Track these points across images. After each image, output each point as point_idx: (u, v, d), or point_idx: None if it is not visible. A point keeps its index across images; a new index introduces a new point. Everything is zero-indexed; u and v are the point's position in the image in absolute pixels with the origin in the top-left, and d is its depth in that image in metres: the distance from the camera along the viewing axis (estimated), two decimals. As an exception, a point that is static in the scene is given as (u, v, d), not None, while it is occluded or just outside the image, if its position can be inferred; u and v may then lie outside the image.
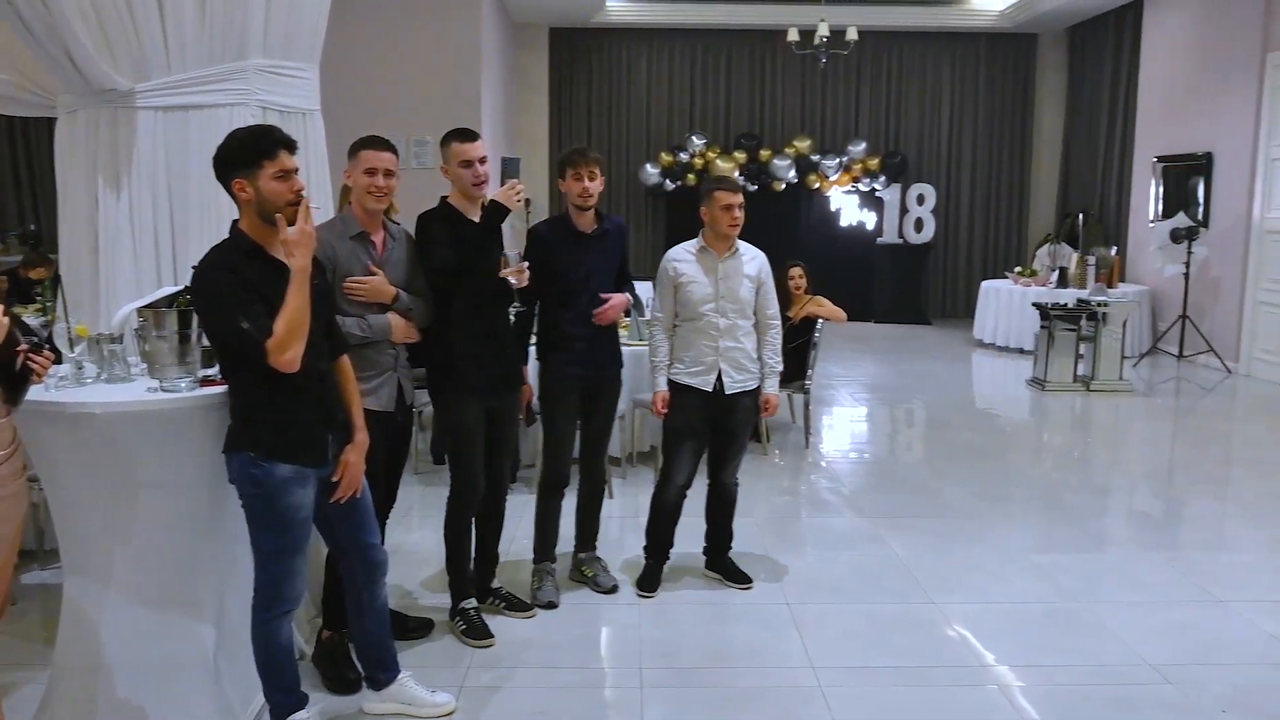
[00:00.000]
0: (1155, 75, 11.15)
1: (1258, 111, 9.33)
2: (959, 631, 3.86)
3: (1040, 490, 5.87)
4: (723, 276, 4.07)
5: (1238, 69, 9.58)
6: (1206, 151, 10.10)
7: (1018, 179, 13.70)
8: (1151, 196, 11.11)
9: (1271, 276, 9.17)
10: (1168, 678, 3.49)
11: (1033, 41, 13.48)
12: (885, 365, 10.08)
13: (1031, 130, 13.66)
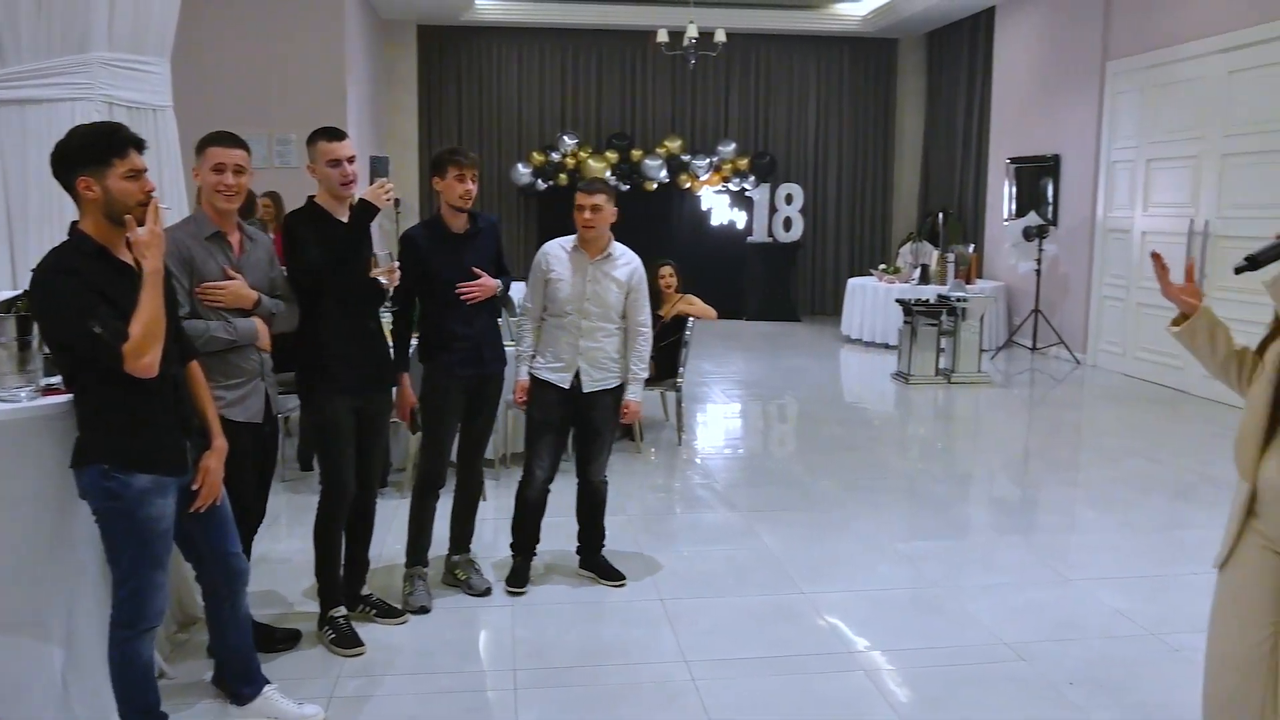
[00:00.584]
0: (1007, 81, 11.65)
1: (1099, 117, 9.84)
2: (828, 620, 3.96)
3: (905, 480, 6.06)
4: (591, 279, 4.08)
5: (1081, 76, 10.09)
6: (1055, 154, 10.60)
7: (881, 179, 14.13)
8: (1005, 196, 11.61)
9: (1114, 273, 9.69)
10: (1022, 655, 3.65)
11: (894, 46, 13.93)
12: (756, 362, 10.26)
13: (894, 132, 14.11)
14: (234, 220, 3.33)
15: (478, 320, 3.98)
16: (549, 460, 4.21)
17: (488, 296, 3.97)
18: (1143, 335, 9.21)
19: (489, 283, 3.96)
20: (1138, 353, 9.29)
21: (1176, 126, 8.79)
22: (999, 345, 10.82)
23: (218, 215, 3.26)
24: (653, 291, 6.79)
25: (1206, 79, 8.38)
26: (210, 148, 3.21)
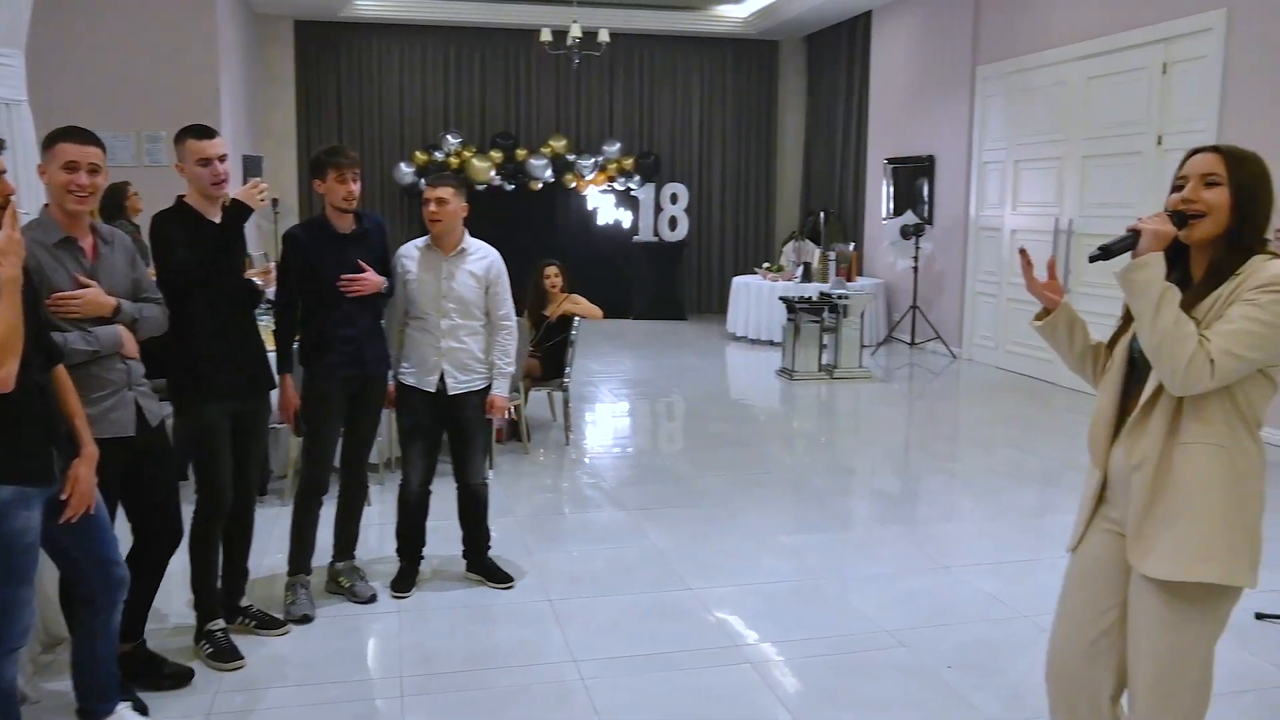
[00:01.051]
0: (884, 83, 11.96)
1: (970, 119, 10.19)
2: (715, 615, 4.00)
3: (790, 475, 6.18)
4: (447, 275, 4.04)
5: (953, 80, 10.43)
6: (929, 155, 10.94)
7: (764, 179, 14.36)
8: (883, 196, 11.93)
9: (986, 269, 10.05)
10: (902, 641, 3.76)
11: (775, 48, 14.16)
12: (643, 360, 10.32)
13: (776, 133, 14.35)
14: (85, 223, 3.09)
15: (360, 321, 3.91)
16: (422, 465, 4.17)
17: (371, 292, 3.90)
18: (1013, 330, 9.58)
19: (373, 278, 3.89)
20: (1009, 346, 9.66)
21: (1041, 129, 9.16)
22: (879, 341, 11.11)
23: (67, 218, 3.00)
24: (538, 292, 6.79)
25: (1068, 84, 8.76)
26: (60, 144, 2.96)
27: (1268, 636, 3.84)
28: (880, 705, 3.31)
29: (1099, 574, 2.30)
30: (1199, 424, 2.10)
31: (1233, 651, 3.70)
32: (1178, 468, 2.12)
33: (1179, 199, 2.15)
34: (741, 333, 11.49)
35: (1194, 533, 2.10)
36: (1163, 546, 2.13)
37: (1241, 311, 2.04)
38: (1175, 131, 7.55)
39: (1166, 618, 2.15)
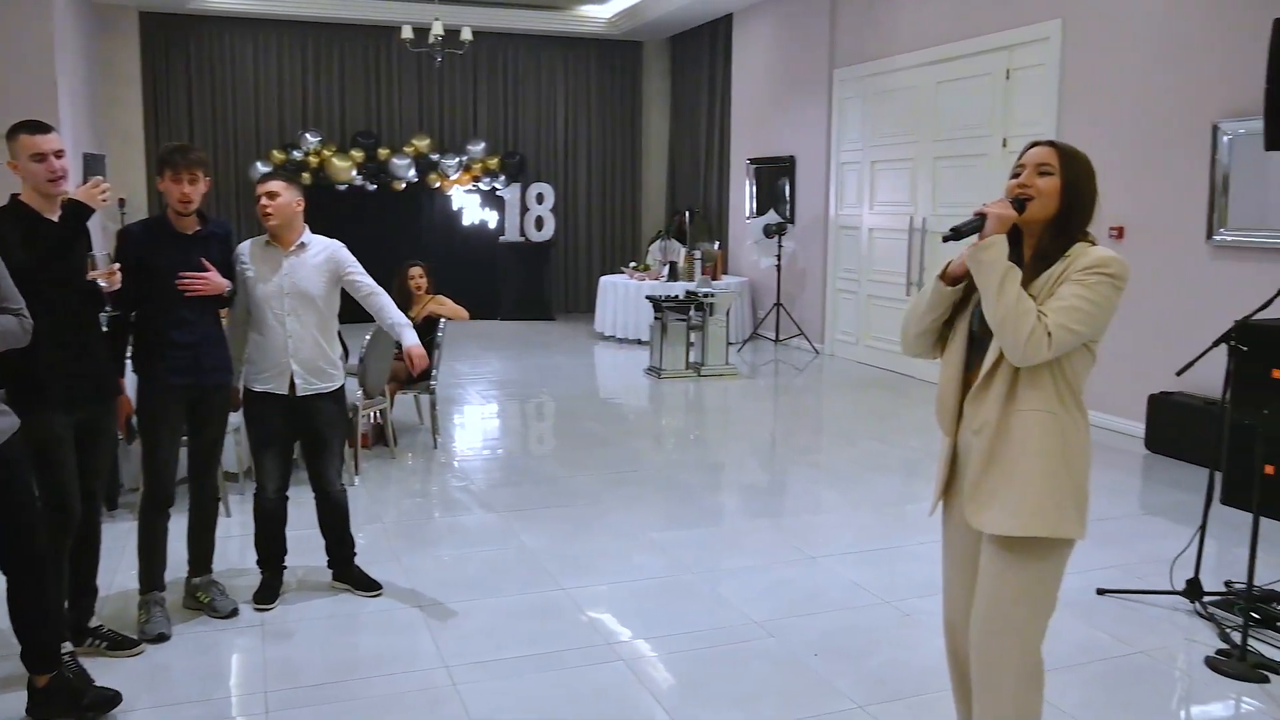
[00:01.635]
0: (745, 84, 12.18)
1: (829, 120, 10.47)
2: (588, 614, 4.01)
3: (660, 472, 6.23)
4: (287, 272, 3.94)
5: (811, 82, 10.70)
6: (790, 155, 11.19)
7: (630, 179, 14.45)
8: (747, 195, 12.15)
9: (846, 267, 10.34)
10: (770, 631, 3.84)
11: (639, 49, 14.26)
12: (512, 361, 10.26)
13: (641, 133, 14.45)
14: None
15: (199, 326, 3.76)
16: (277, 472, 4.05)
17: (213, 293, 3.75)
18: (872, 325, 9.89)
19: (216, 279, 3.74)
20: (869, 341, 9.97)
21: (894, 131, 9.48)
22: (745, 338, 11.31)
23: None
24: (403, 293, 6.68)
25: (918, 88, 9.09)
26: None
27: (1108, 610, 4.07)
28: (751, 695, 3.37)
29: (960, 536, 2.49)
30: (1033, 392, 2.30)
31: (1077, 626, 3.91)
32: (1014, 432, 2.30)
33: (1016, 184, 2.35)
34: (609, 332, 11.53)
35: (1028, 491, 2.29)
36: (1000, 504, 2.31)
37: (1072, 290, 2.24)
38: (1018, 134, 7.92)
39: (1002, 569, 2.34)
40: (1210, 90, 6.35)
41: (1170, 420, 6.43)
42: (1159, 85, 6.72)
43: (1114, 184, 7.01)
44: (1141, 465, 6.37)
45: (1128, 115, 6.96)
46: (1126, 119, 6.96)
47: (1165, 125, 6.68)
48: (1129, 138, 6.94)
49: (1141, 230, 6.89)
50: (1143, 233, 6.88)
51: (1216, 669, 3.58)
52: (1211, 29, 6.35)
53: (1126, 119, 6.96)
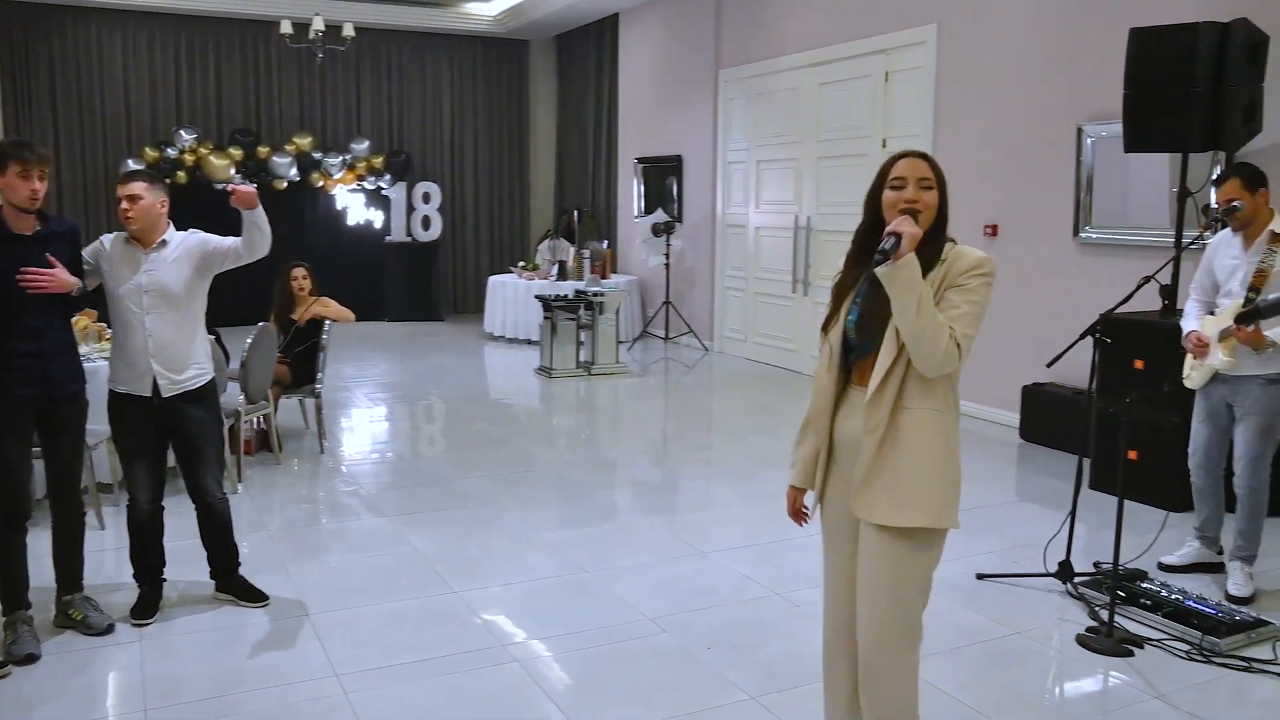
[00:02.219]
0: (631, 84, 12.24)
1: (715, 120, 10.59)
2: (482, 617, 3.98)
3: (552, 471, 6.22)
4: (148, 268, 3.81)
5: (697, 82, 10.81)
6: (677, 154, 11.29)
7: (518, 178, 14.37)
8: (635, 194, 12.20)
9: (734, 265, 10.49)
10: (663, 627, 3.88)
11: (525, 47, 14.19)
12: (400, 363, 10.10)
13: (529, 132, 14.38)
14: None
15: (46, 335, 3.59)
16: (148, 481, 3.91)
17: (60, 291, 3.57)
18: (760, 322, 10.06)
19: (63, 276, 3.56)
20: (756, 338, 10.13)
21: (779, 132, 9.65)
22: (635, 336, 11.36)
23: None
24: (285, 295, 6.52)
25: (801, 89, 9.28)
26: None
27: (987, 594, 4.22)
28: (645, 691, 3.40)
29: (846, 532, 2.55)
30: (922, 393, 2.38)
31: (957, 610, 4.05)
32: (903, 430, 2.38)
33: (900, 199, 2.38)
34: (499, 332, 11.45)
35: (914, 485, 2.38)
36: (889, 497, 2.39)
37: (963, 297, 2.34)
38: (898, 135, 8.15)
39: (887, 560, 2.42)
40: (1075, 95, 6.64)
41: (1042, 410, 6.70)
42: (1028, 89, 7.00)
43: (988, 184, 7.31)
44: (1017, 454, 6.63)
45: (999, 118, 7.22)
46: (998, 121, 7.23)
47: (1034, 128, 6.96)
48: (1001, 140, 7.21)
49: (1014, 229, 7.16)
50: (1015, 231, 7.16)
51: (1087, 646, 3.75)
52: (1075, 37, 6.64)
53: (998, 121, 7.23)
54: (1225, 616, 3.85)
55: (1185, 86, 5.27)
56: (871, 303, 2.43)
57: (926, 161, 2.42)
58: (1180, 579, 4.37)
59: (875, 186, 2.46)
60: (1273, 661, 3.62)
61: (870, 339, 2.42)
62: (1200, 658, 3.64)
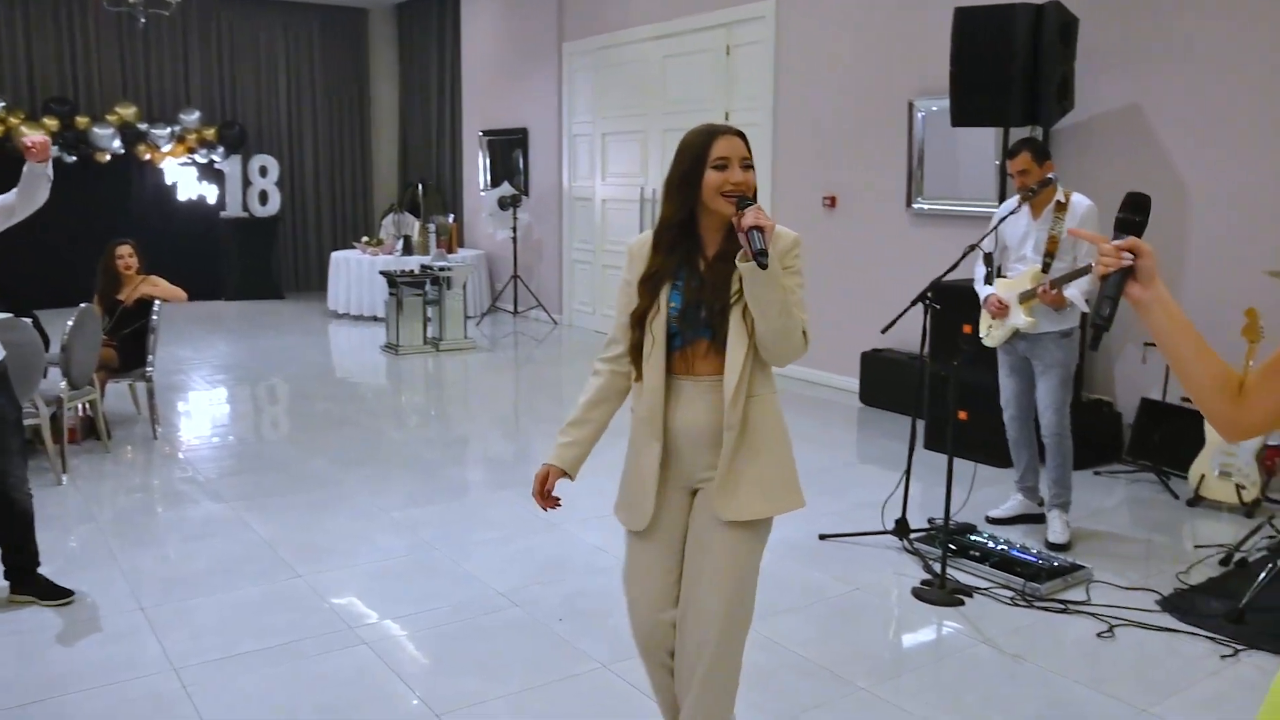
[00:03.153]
0: (475, 56, 12.05)
1: (559, 93, 10.54)
2: (328, 601, 3.90)
3: (401, 450, 6.12)
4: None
5: (541, 54, 10.73)
6: (522, 127, 11.19)
7: (360, 151, 13.98)
8: (480, 167, 12.05)
9: (582, 238, 10.49)
10: (514, 600, 3.88)
11: (364, 17, 13.78)
12: (239, 344, 9.74)
13: (370, 103, 13.99)
14: None
15: None
16: None
17: None
18: (609, 294, 10.09)
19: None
20: (605, 310, 10.17)
21: (624, 104, 9.68)
22: (483, 311, 11.26)
23: None
24: (110, 274, 6.19)
25: (645, 62, 9.32)
26: None
27: (829, 554, 4.39)
28: (498, 665, 3.40)
29: (666, 535, 2.45)
30: (762, 379, 2.34)
31: (801, 569, 4.19)
32: (754, 420, 2.32)
33: (727, 182, 2.22)
34: (343, 309, 11.16)
35: (775, 471, 2.34)
36: (757, 492, 2.32)
37: (793, 281, 2.27)
38: (740, 108, 8.29)
39: (742, 554, 2.35)
40: (906, 70, 6.89)
41: (880, 375, 6.97)
42: (863, 65, 7.21)
43: (827, 156, 7.52)
44: (857, 418, 6.88)
45: (836, 92, 7.43)
46: (835, 95, 7.44)
47: (869, 102, 7.19)
48: (838, 113, 7.42)
49: (851, 200, 7.40)
50: (852, 202, 7.39)
51: (921, 598, 3.94)
52: (907, 14, 6.87)
53: (835, 95, 7.44)
54: (1045, 563, 4.10)
55: (1005, 64, 5.54)
56: (695, 291, 2.29)
57: (744, 140, 2.28)
58: (1006, 530, 4.63)
59: (690, 168, 2.26)
60: (1086, 603, 3.88)
61: (695, 328, 2.30)
62: (1023, 603, 3.88)
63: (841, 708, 3.17)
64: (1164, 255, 5.55)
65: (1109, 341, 5.94)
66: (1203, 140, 5.48)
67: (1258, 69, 5.24)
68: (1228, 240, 5.40)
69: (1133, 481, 5.47)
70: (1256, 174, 5.27)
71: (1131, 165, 5.75)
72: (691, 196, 2.27)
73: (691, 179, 2.26)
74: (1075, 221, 4.34)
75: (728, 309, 2.27)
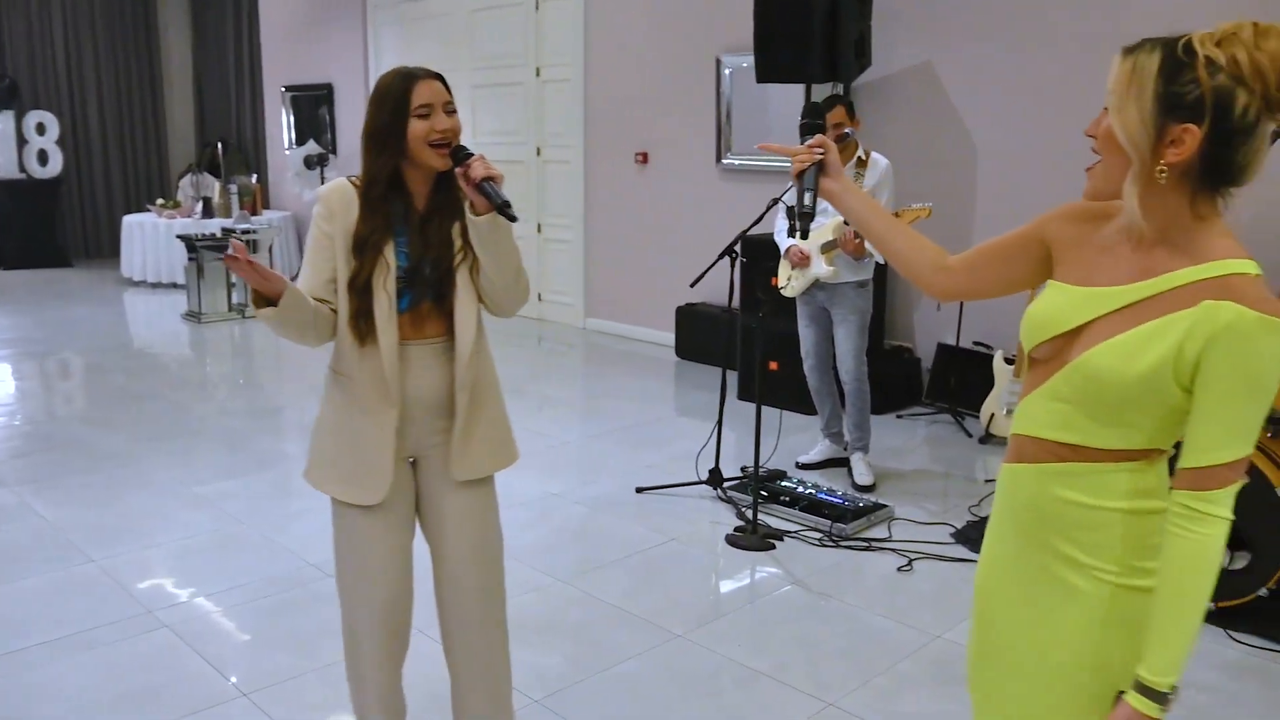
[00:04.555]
0: (273, 8, 11.46)
1: (365, 47, 10.18)
2: (126, 584, 3.70)
3: (205, 422, 5.85)
4: None
5: (345, 7, 10.31)
6: (327, 82, 10.76)
7: (151, 108, 13.13)
8: (284, 125, 11.53)
9: (394, 197, 10.20)
10: (326, 572, 3.75)
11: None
12: (23, 316, 9.04)
13: (159, 56, 13.14)
14: None
15: None
16: None
17: None
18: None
19: None
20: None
21: (433, 60, 9.41)
22: (293, 275, 10.77)
23: None
24: None
25: (453, 16, 9.10)
26: None
27: (647, 506, 4.46)
28: (311, 639, 3.31)
29: (397, 509, 2.29)
30: (482, 334, 2.26)
31: (619, 523, 4.25)
32: (480, 378, 2.27)
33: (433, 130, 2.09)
34: (139, 277, 10.51)
35: (503, 424, 2.34)
36: (488, 446, 2.29)
37: None
38: (551, 64, 8.21)
39: (483, 510, 2.33)
40: (714, 26, 6.97)
41: (695, 328, 7.10)
42: (671, 21, 7.26)
43: (638, 112, 7.55)
44: (674, 371, 7.00)
45: (646, 48, 7.45)
46: (645, 52, 7.46)
47: (678, 58, 7.25)
48: (648, 69, 7.45)
49: (663, 156, 7.46)
50: (664, 158, 7.46)
51: (735, 544, 4.07)
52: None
53: (645, 52, 7.46)
54: (850, 504, 4.30)
55: (804, 22, 5.67)
56: (419, 249, 2.15)
57: (444, 83, 2.14)
58: (815, 475, 4.82)
59: (392, 118, 2.08)
60: (888, 539, 4.09)
61: (417, 289, 2.16)
62: (830, 543, 4.06)
63: (659, 655, 3.24)
64: (955, 207, 5.85)
65: (908, 291, 6.23)
66: (990, 98, 5.78)
67: (1042, 31, 5.55)
68: (1014, 193, 5.73)
69: (932, 423, 5.78)
70: (1042, 131, 5.60)
71: (925, 121, 6.02)
72: (397, 148, 2.10)
73: (395, 129, 2.08)
74: (876, 177, 4.54)
75: (454, 267, 2.16)
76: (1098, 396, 1.43)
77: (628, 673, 3.14)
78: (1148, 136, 1.36)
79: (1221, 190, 1.39)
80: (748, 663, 3.19)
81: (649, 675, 3.13)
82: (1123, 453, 1.45)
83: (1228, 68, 1.31)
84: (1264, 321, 1.31)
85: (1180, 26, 1.40)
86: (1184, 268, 1.38)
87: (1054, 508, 1.50)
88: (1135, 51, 1.38)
